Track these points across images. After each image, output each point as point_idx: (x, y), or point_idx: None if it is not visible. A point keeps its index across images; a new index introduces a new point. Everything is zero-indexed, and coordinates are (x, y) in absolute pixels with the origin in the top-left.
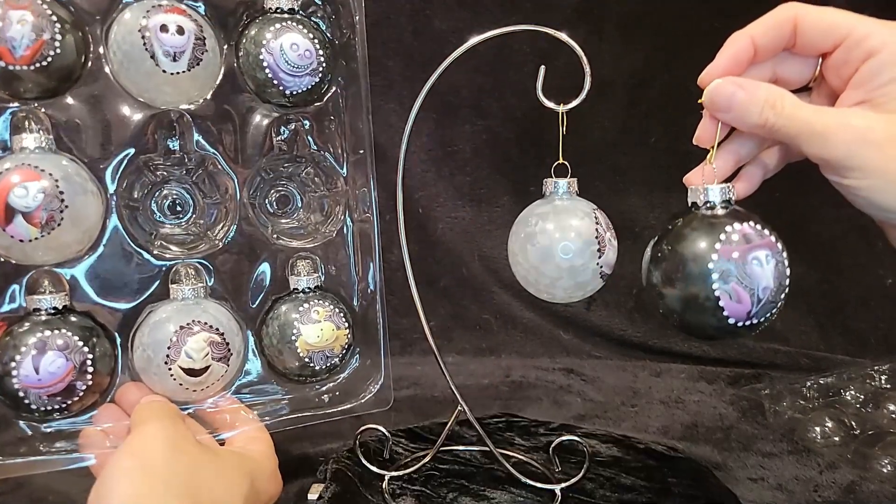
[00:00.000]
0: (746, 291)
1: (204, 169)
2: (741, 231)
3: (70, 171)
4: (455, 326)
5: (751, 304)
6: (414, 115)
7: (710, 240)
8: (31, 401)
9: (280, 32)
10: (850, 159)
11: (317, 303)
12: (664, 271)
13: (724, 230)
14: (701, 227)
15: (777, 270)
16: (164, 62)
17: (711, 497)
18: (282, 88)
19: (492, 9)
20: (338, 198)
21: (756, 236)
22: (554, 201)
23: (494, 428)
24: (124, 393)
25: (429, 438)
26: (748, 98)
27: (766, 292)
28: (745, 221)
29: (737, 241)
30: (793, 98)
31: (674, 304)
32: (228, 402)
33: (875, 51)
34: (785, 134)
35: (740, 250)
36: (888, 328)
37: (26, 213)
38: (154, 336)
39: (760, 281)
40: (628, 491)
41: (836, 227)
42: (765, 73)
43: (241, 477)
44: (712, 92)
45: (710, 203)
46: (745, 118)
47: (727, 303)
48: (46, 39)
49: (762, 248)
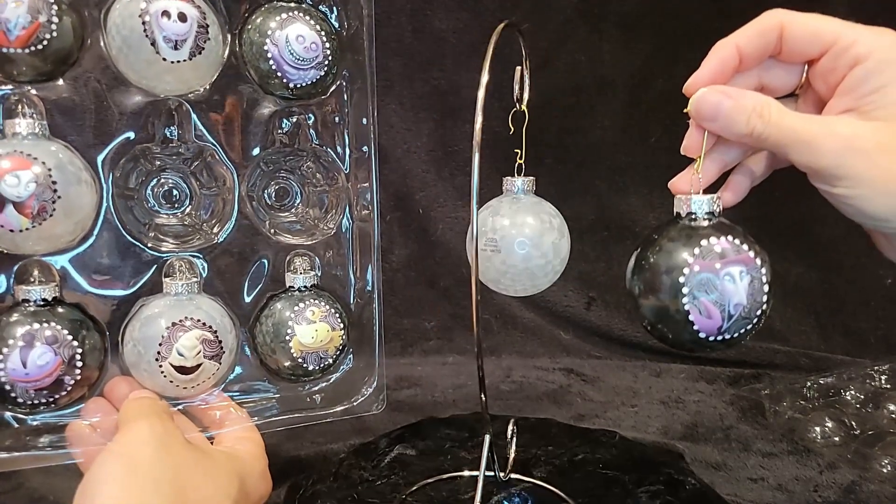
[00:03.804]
0: (716, 307)
1: (202, 159)
2: (717, 245)
3: (64, 159)
4: (455, 326)
5: (721, 320)
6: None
7: (685, 252)
8: (17, 394)
9: (286, 23)
10: (838, 168)
11: (312, 302)
12: (642, 281)
13: (700, 244)
14: (679, 238)
15: (752, 287)
16: (165, 50)
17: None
18: (285, 81)
19: (492, 9)
20: (338, 193)
21: (732, 251)
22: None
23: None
24: (113, 387)
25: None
26: (735, 107)
27: (738, 309)
28: (725, 235)
29: (711, 256)
30: (779, 106)
31: (648, 315)
32: (219, 400)
33: (862, 58)
34: (772, 143)
35: (712, 265)
36: (888, 328)
37: (17, 202)
38: (145, 332)
39: (732, 297)
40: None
41: (837, 227)
42: (750, 80)
43: (230, 477)
44: (698, 101)
45: (693, 214)
46: (732, 127)
47: (696, 317)
48: (42, 22)
49: (736, 264)
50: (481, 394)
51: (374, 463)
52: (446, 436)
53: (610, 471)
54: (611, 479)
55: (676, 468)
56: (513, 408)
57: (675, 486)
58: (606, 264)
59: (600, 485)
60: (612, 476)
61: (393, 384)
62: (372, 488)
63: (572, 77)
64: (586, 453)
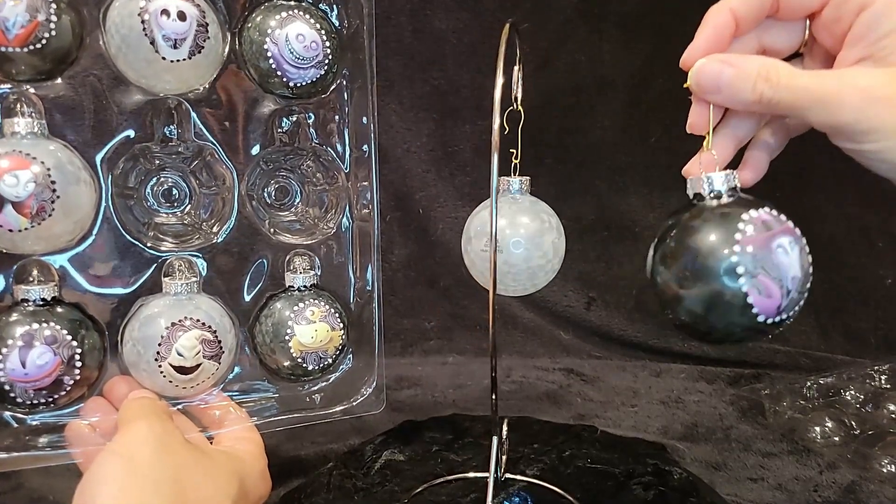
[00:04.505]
0: (775, 283)
1: (201, 158)
2: (759, 218)
3: (63, 158)
4: (455, 326)
5: (780, 297)
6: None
7: (726, 231)
8: (16, 394)
9: (286, 22)
10: (861, 122)
11: (312, 302)
12: (678, 272)
13: (741, 218)
14: (713, 218)
15: (801, 257)
16: (165, 49)
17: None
18: (285, 80)
19: (492, 9)
20: (338, 193)
21: (775, 222)
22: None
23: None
24: (113, 387)
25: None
26: (737, 74)
27: (795, 282)
28: (761, 207)
29: (757, 230)
30: (787, 67)
31: (695, 307)
32: (218, 400)
33: (868, 2)
34: (785, 106)
35: (762, 239)
36: (888, 328)
37: (16, 202)
38: (144, 331)
39: (788, 270)
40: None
41: (837, 227)
42: (750, 45)
43: (229, 477)
44: (697, 73)
45: (716, 192)
46: (738, 96)
47: (756, 298)
48: (41, 21)
49: (784, 235)
50: (492, 394)
51: (365, 471)
52: (431, 439)
53: (599, 465)
54: (602, 473)
55: (662, 459)
56: (513, 408)
57: (664, 477)
58: (606, 264)
59: (593, 480)
60: (603, 470)
61: (393, 384)
62: (370, 496)
63: (572, 77)
64: (572, 449)
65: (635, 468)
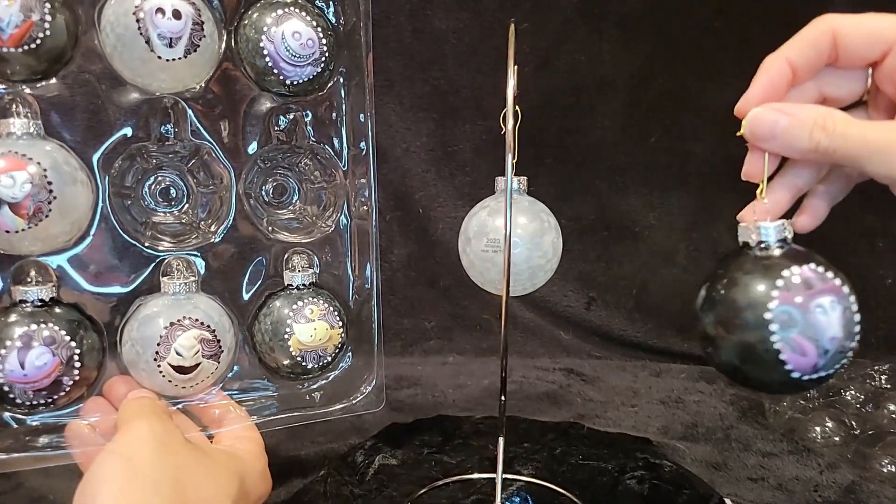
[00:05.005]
0: (811, 342)
1: (199, 157)
2: (801, 274)
3: (59, 159)
4: (455, 326)
5: (816, 357)
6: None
7: (766, 285)
8: (15, 395)
9: (282, 19)
10: None
11: (311, 300)
12: (718, 320)
13: (781, 274)
14: (755, 270)
15: (844, 318)
16: (160, 48)
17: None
18: (282, 78)
19: (492, 9)
20: (336, 190)
21: (818, 280)
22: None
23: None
24: (112, 386)
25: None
26: (793, 122)
27: (834, 343)
28: (805, 263)
29: (796, 287)
30: (844, 115)
31: (730, 356)
32: (218, 398)
33: None
34: (842, 155)
35: (801, 297)
36: (888, 328)
37: (13, 203)
38: (143, 331)
39: (826, 331)
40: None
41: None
42: (809, 93)
43: (230, 477)
44: (752, 121)
45: (764, 243)
46: (794, 144)
47: (789, 356)
48: (36, 21)
49: (826, 294)
50: (501, 395)
51: (360, 477)
52: (421, 442)
53: (591, 461)
54: (595, 469)
55: (651, 453)
56: (513, 408)
57: (655, 470)
58: (606, 264)
59: (587, 476)
60: (595, 466)
61: (393, 384)
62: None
63: (572, 77)
64: (563, 447)
65: (626, 463)
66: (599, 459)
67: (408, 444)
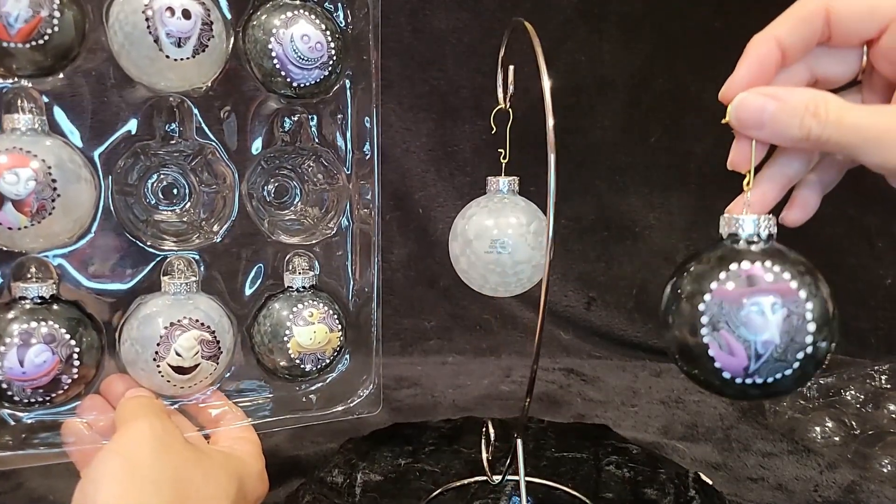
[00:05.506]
0: (739, 343)
1: (202, 157)
2: (748, 270)
3: (63, 156)
4: (455, 326)
5: (746, 359)
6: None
7: (709, 278)
8: (13, 392)
9: (290, 21)
10: None
11: (311, 303)
12: (668, 310)
13: (729, 268)
14: (710, 261)
15: (787, 323)
16: (168, 47)
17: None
18: (289, 80)
19: (492, 9)
20: (338, 193)
21: (765, 279)
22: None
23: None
24: (109, 385)
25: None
26: (783, 108)
27: (768, 347)
28: (763, 260)
29: (737, 282)
30: (838, 101)
31: (672, 348)
32: (215, 398)
33: None
34: (835, 144)
35: (737, 293)
36: (888, 328)
37: (16, 200)
38: (143, 331)
39: (760, 332)
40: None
41: (837, 227)
42: (800, 75)
43: (228, 477)
44: (738, 108)
45: (736, 236)
46: (784, 132)
47: (717, 353)
48: (44, 16)
49: (768, 294)
50: (527, 398)
51: (349, 499)
52: (392, 453)
53: (567, 453)
54: (574, 460)
55: (615, 437)
56: (513, 408)
57: (625, 454)
58: (606, 264)
59: (569, 468)
60: (573, 457)
61: (392, 384)
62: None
63: (572, 77)
64: (532, 441)
65: (598, 450)
66: (573, 450)
67: (378, 457)
